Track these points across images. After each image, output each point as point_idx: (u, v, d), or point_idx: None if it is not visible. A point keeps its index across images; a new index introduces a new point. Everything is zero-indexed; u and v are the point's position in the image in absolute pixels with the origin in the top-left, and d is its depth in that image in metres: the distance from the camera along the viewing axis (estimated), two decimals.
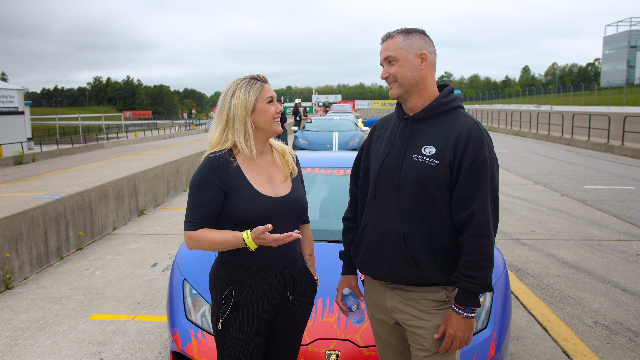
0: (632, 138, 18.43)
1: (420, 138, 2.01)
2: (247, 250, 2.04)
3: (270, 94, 2.13)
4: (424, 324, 2.02)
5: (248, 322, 2.10)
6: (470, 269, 1.91)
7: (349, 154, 4.78)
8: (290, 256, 2.16)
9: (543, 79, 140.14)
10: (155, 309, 4.63)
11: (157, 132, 44.10)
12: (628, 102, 51.83)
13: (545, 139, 24.54)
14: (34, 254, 5.78)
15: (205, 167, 2.08)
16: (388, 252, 2.03)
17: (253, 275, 2.09)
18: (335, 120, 17.58)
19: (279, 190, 2.16)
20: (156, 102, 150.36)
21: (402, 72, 2.00)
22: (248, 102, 2.09)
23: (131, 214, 8.56)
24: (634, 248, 6.41)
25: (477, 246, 1.90)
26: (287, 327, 2.23)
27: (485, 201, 1.91)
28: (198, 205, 2.06)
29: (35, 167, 15.00)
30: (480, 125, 2.00)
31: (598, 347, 3.87)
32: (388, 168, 2.05)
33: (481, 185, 1.91)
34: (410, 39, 2.01)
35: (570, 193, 10.14)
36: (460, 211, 1.94)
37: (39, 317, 4.52)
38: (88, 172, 9.56)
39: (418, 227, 1.98)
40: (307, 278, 2.27)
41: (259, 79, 2.14)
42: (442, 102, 2.03)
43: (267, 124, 2.13)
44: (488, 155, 1.93)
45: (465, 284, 1.91)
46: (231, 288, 2.09)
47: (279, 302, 2.15)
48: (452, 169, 1.93)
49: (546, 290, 5.03)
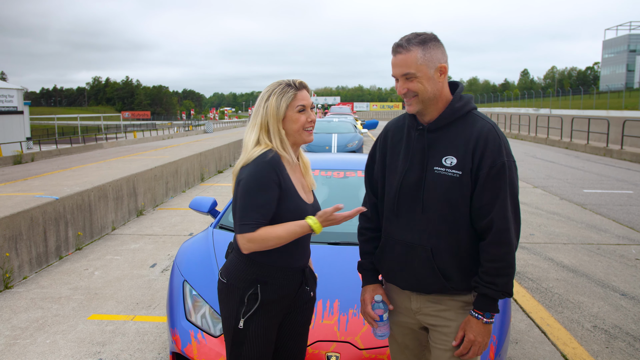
0: (631, 142, 18.47)
1: (439, 148, 1.95)
2: (283, 251, 2.09)
3: (302, 102, 2.11)
4: (449, 324, 2.01)
5: (268, 320, 2.14)
6: (491, 275, 1.89)
7: (349, 157, 4.79)
8: (308, 258, 2.26)
9: (542, 82, 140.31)
10: (155, 310, 4.63)
11: (156, 132, 44.05)
12: (627, 106, 51.93)
13: (544, 143, 24.57)
14: (33, 254, 5.77)
15: (265, 167, 2.04)
16: (415, 266, 2.00)
17: (280, 275, 2.13)
18: (334, 122, 17.58)
19: (307, 197, 2.21)
20: (155, 102, 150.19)
21: (423, 88, 1.92)
22: (279, 110, 2.09)
23: (130, 215, 8.55)
24: (633, 252, 6.42)
25: (498, 253, 1.88)
26: (300, 322, 2.29)
27: (504, 207, 1.88)
28: (260, 206, 2.01)
29: (34, 167, 14.98)
30: (496, 128, 1.95)
31: (597, 352, 3.88)
32: (410, 183, 1.99)
33: (500, 191, 1.87)
34: (429, 52, 1.90)
35: (570, 197, 10.15)
36: (480, 218, 1.91)
37: (38, 316, 4.51)
38: (87, 172, 9.55)
39: (446, 240, 1.94)
40: (313, 273, 2.36)
41: (293, 85, 2.12)
42: (456, 108, 1.97)
43: (297, 133, 2.13)
44: (506, 159, 1.89)
45: (486, 290, 1.90)
46: (256, 287, 2.10)
47: (294, 300, 2.21)
48: (472, 176, 1.90)
49: (545, 294, 5.04)
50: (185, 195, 11.03)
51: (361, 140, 15.44)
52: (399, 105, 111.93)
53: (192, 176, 12.51)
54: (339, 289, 2.87)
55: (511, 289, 1.92)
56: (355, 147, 14.71)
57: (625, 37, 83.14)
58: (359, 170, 4.22)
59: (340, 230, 3.70)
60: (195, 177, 12.77)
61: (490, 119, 1.95)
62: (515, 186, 1.92)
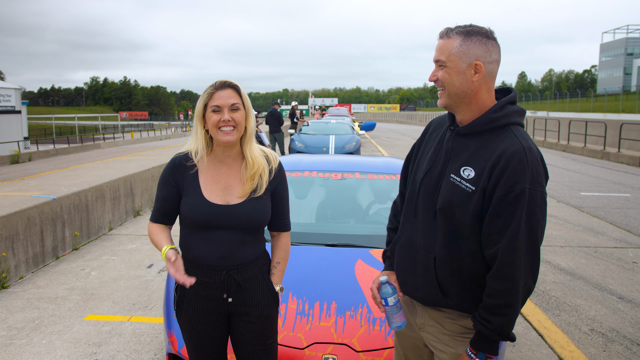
0: (629, 145, 18.51)
1: (461, 156, 1.82)
2: (191, 246, 2.19)
3: (217, 102, 2.10)
4: (446, 349, 1.92)
5: (196, 314, 2.20)
6: (488, 312, 1.73)
7: (347, 158, 4.79)
8: (231, 261, 2.16)
9: (540, 85, 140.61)
10: (151, 310, 4.62)
11: (154, 133, 44.00)
12: (624, 109, 52.08)
13: (542, 145, 24.60)
14: (30, 254, 5.75)
15: (167, 167, 2.24)
16: (418, 271, 1.92)
17: (195, 271, 2.17)
18: (332, 123, 17.60)
19: (231, 199, 2.17)
20: (153, 103, 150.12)
21: (450, 80, 1.80)
22: (198, 110, 2.18)
23: (127, 215, 8.53)
24: (630, 255, 6.43)
25: (497, 288, 1.71)
26: (245, 333, 2.24)
27: (514, 239, 1.68)
28: (157, 200, 2.24)
29: (32, 167, 14.95)
30: (528, 150, 1.71)
31: (594, 355, 3.88)
32: (428, 184, 1.90)
33: (514, 220, 1.68)
34: (468, 44, 1.77)
35: (567, 200, 10.17)
36: (488, 246, 1.75)
37: (35, 316, 4.49)
38: (84, 172, 9.53)
39: (448, 252, 1.83)
40: (263, 285, 2.25)
41: (214, 86, 2.15)
42: (491, 118, 1.78)
43: (213, 132, 2.14)
44: (529, 187, 1.67)
45: (480, 327, 1.75)
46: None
47: (223, 303, 2.20)
48: (485, 197, 1.74)
49: (542, 297, 5.04)
50: None
51: (359, 141, 15.46)
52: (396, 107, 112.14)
53: None
54: (335, 291, 2.86)
55: (508, 332, 1.73)
56: (353, 149, 14.72)
57: (623, 40, 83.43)
58: (356, 171, 4.22)
59: (337, 232, 3.70)
60: None
61: (531, 140, 1.78)
62: (535, 219, 1.70)
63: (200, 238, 2.16)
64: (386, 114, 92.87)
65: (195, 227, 2.15)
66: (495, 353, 1.77)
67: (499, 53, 1.83)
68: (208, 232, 2.14)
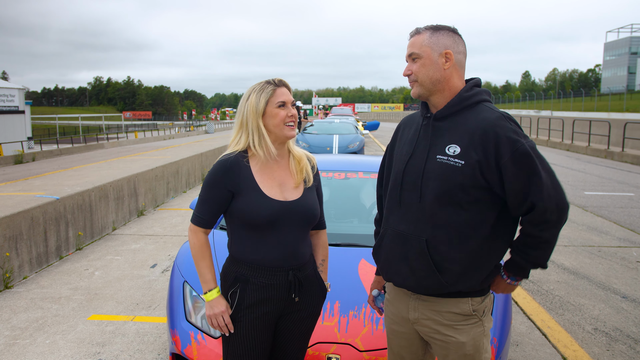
0: (633, 144, 18.45)
1: (444, 137, 1.92)
2: (253, 249, 2.13)
3: (282, 99, 2.13)
4: (448, 339, 1.96)
5: (252, 320, 2.13)
6: (525, 246, 1.90)
7: (350, 157, 4.78)
8: (294, 260, 2.17)
9: (543, 84, 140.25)
10: (155, 310, 4.63)
11: (157, 132, 44.06)
12: (628, 109, 51.90)
13: (546, 145, 24.55)
14: (33, 254, 5.77)
15: (215, 169, 2.16)
16: (410, 258, 1.96)
17: (258, 275, 2.13)
18: (335, 123, 17.58)
19: (288, 195, 2.18)
20: (156, 102, 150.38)
21: (424, 71, 1.93)
22: (258, 106, 2.13)
23: (131, 215, 8.55)
24: (634, 255, 6.41)
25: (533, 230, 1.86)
26: (294, 330, 2.25)
27: (541, 188, 1.81)
28: (204, 201, 2.17)
29: (35, 167, 14.99)
30: (506, 115, 1.89)
31: (598, 354, 3.86)
32: (412, 170, 1.97)
33: (534, 172, 1.81)
34: (437, 37, 1.93)
35: (571, 199, 10.14)
36: (519, 206, 1.86)
37: (38, 316, 4.51)
38: (88, 172, 9.56)
39: (443, 231, 1.90)
40: (316, 282, 2.28)
41: (273, 82, 2.16)
42: (464, 97, 1.93)
43: (277, 128, 2.14)
44: (525, 141, 1.82)
45: (517, 258, 1.92)
46: (237, 286, 2.14)
47: (284, 304, 2.17)
48: (487, 169, 1.83)
49: (546, 296, 5.03)
50: (186, 196, 11.03)
51: (362, 141, 15.43)
52: (400, 106, 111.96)
53: (194, 176, 12.51)
54: (339, 291, 2.86)
55: (544, 263, 1.92)
56: (357, 149, 14.70)
57: (627, 39, 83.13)
58: (360, 171, 4.22)
59: (341, 231, 3.70)
60: (197, 177, 12.77)
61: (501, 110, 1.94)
62: (542, 164, 1.84)
63: (263, 239, 2.13)
64: (390, 113, 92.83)
65: (259, 228, 2.11)
66: (526, 276, 1.97)
67: (465, 47, 1.99)
68: (271, 231, 2.12)
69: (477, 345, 1.97)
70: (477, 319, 1.97)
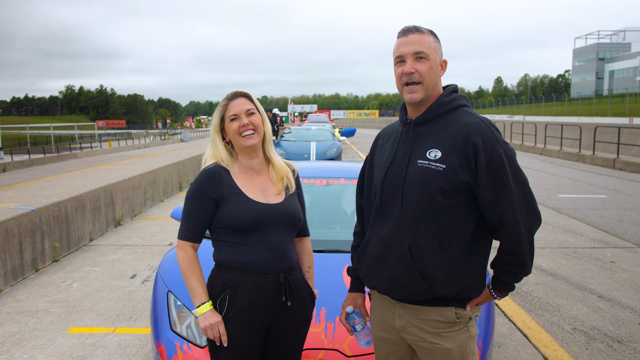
0: (602, 148, 18.89)
1: (425, 142, 1.91)
2: (241, 252, 2.14)
3: (233, 111, 2.20)
4: (434, 347, 1.95)
5: (243, 326, 2.12)
6: (507, 265, 1.94)
7: (332, 164, 4.80)
8: (284, 262, 2.19)
9: (516, 89, 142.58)
10: (136, 321, 4.56)
11: (132, 141, 43.44)
12: (597, 113, 53.15)
13: (519, 149, 24.97)
14: (8, 267, 5.64)
15: (198, 179, 2.21)
16: (392, 264, 1.94)
17: (248, 278, 2.13)
18: (312, 130, 17.62)
19: (271, 199, 2.22)
20: (130, 111, 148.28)
21: (430, 74, 1.89)
22: (216, 123, 2.25)
23: (108, 225, 8.42)
24: (608, 255, 6.56)
25: (510, 245, 1.90)
26: (286, 339, 2.24)
27: (510, 200, 1.83)
28: (190, 215, 2.18)
29: (6, 177, 14.65)
30: (486, 121, 1.90)
31: (577, 353, 3.94)
32: (393, 176, 1.96)
33: (504, 183, 1.82)
34: (437, 43, 1.93)
35: (545, 202, 10.33)
36: (489, 214, 1.87)
37: (15, 331, 4.40)
38: (62, 182, 9.39)
39: (426, 236, 1.88)
40: (304, 288, 2.29)
41: (227, 98, 2.24)
42: (443, 102, 1.93)
43: (235, 140, 2.22)
44: (503, 150, 1.84)
45: (505, 277, 1.96)
46: (226, 293, 2.13)
47: (276, 308, 2.17)
48: (468, 173, 1.84)
49: (525, 298, 5.11)
50: (164, 205, 10.90)
51: (339, 147, 15.49)
52: (375, 112, 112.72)
53: (171, 185, 12.38)
54: (325, 297, 2.86)
55: (527, 274, 1.98)
56: (334, 155, 14.76)
57: (594, 45, 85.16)
58: (341, 177, 4.24)
59: (327, 237, 3.71)
60: (174, 186, 12.65)
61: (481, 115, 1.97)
62: (518, 174, 1.86)
63: (250, 241, 2.15)
64: (366, 119, 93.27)
65: (245, 231, 2.13)
66: (513, 289, 2.03)
67: None
68: (258, 234, 2.14)
69: (463, 351, 1.97)
70: (462, 325, 1.97)
